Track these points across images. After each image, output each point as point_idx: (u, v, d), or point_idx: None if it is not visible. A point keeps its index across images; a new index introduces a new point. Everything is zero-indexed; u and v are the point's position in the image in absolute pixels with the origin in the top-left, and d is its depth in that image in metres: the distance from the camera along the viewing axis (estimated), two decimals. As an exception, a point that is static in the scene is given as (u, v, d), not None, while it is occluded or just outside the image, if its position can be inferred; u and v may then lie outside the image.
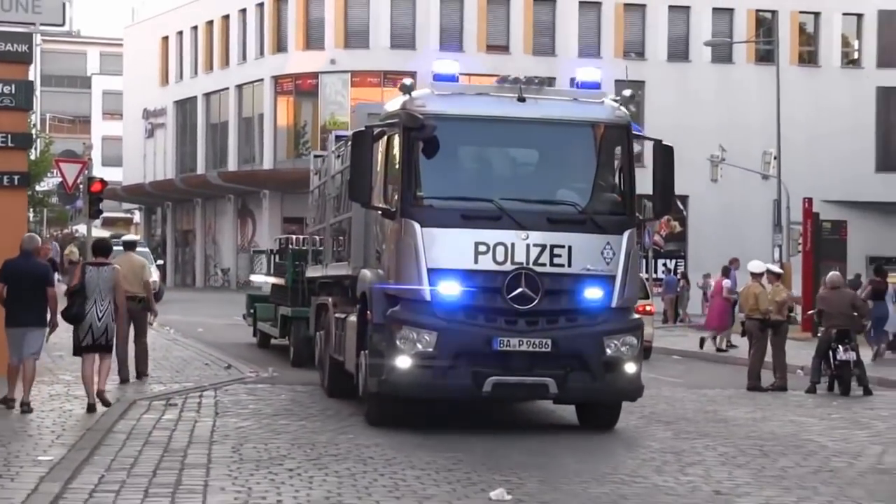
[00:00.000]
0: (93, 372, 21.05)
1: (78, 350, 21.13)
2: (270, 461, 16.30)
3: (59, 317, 21.28)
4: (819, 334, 31.52)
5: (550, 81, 21.19)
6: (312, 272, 29.66)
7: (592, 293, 19.32)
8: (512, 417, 23.18)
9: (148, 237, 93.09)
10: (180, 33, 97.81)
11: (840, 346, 27.99)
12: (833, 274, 32.92)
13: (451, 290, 18.86)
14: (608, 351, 19.11)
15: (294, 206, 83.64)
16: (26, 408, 20.14)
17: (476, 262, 18.92)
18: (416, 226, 18.84)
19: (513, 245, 19.03)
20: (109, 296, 20.90)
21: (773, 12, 79.43)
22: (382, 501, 13.83)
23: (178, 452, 16.76)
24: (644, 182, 20.97)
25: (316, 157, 34.23)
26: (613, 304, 19.46)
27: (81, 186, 42.57)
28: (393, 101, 21.28)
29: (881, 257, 61.10)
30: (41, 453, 16.08)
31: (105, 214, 63.86)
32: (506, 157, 21.74)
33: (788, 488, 15.50)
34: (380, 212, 20.16)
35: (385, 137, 20.46)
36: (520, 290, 18.74)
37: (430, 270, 18.84)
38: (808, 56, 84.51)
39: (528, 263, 18.90)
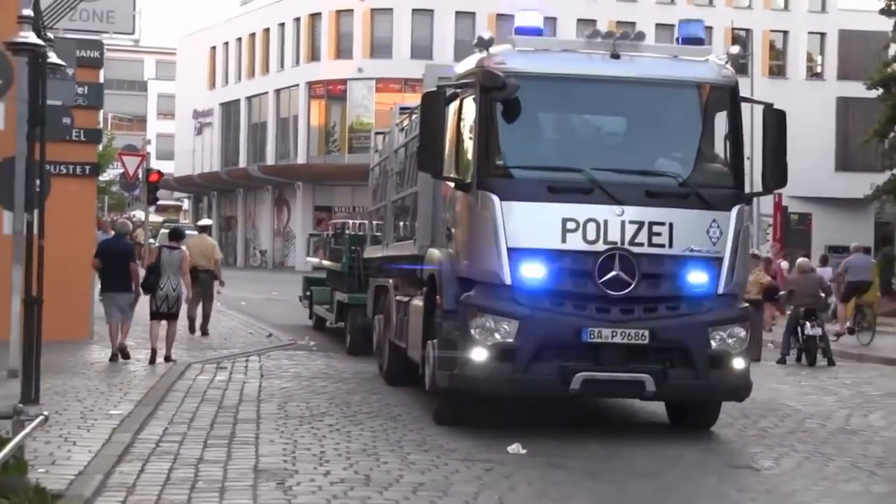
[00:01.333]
0: (158, 332, 22.41)
1: (152, 315, 22.41)
2: (312, 417, 16.32)
3: (139, 288, 22.89)
4: (789, 312, 30.88)
5: (644, 36, 16.45)
6: (371, 253, 24.96)
7: (696, 277, 15.06)
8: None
9: (195, 222, 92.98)
10: (226, 44, 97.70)
11: (808, 323, 27.99)
12: (802, 259, 32.70)
13: (534, 272, 14.63)
14: (713, 343, 14.79)
15: (324, 196, 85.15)
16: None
17: (564, 240, 14.69)
18: (495, 199, 14.72)
19: (606, 222, 14.77)
20: (179, 274, 22.30)
21: (748, 31, 79.23)
22: (413, 454, 13.73)
23: (230, 409, 16.83)
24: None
25: (377, 133, 28.70)
26: (720, 291, 15.14)
27: (140, 176, 43.48)
28: (468, 60, 16.75)
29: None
30: (112, 408, 16.05)
31: (159, 202, 63.82)
32: (597, 122, 16.97)
33: (769, 446, 15.39)
34: (452, 184, 16.00)
35: (458, 100, 16.29)
36: (614, 273, 14.51)
37: (510, 250, 14.62)
38: (778, 69, 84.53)
39: (623, 243, 14.68)
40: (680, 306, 14.94)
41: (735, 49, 15.87)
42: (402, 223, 21.14)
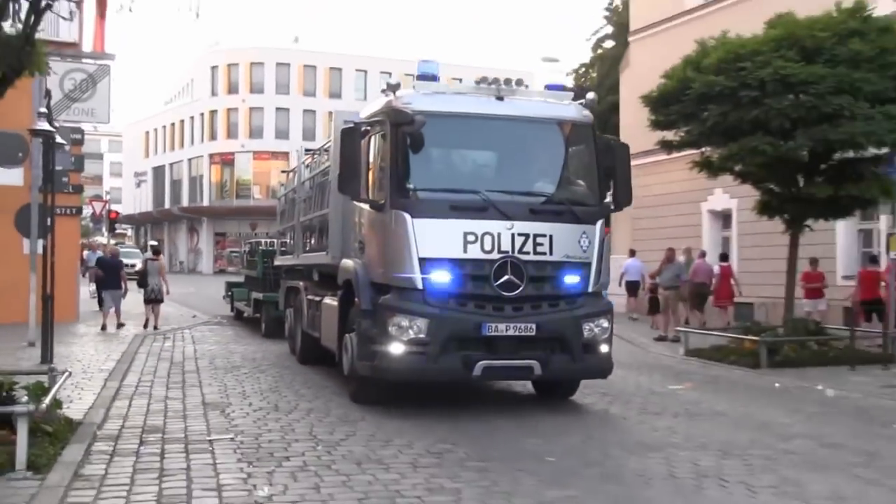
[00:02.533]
0: (150, 313, 23.63)
1: (146, 301, 23.67)
2: (233, 368, 16.07)
3: (127, 286, 24.53)
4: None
5: (522, 83, 14.28)
6: (282, 261, 21.61)
7: (571, 279, 13.08)
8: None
9: (136, 243, 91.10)
10: (156, 129, 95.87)
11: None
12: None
13: (441, 278, 12.45)
14: (586, 333, 12.91)
15: (220, 226, 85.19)
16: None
17: (465, 251, 12.54)
18: (407, 217, 12.46)
19: (499, 234, 12.68)
20: (158, 275, 23.60)
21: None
22: (302, 390, 13.72)
23: (179, 364, 16.49)
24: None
25: (283, 172, 26.28)
26: (590, 289, 13.21)
27: (103, 214, 44.36)
28: (375, 102, 14.33)
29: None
30: (101, 364, 15.67)
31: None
32: (487, 151, 14.48)
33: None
34: (367, 205, 13.54)
35: (369, 136, 13.85)
36: (506, 277, 12.50)
37: (421, 260, 12.41)
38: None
39: (513, 252, 12.64)
40: (559, 303, 12.78)
41: (591, 95, 13.86)
42: (311, 239, 18.23)
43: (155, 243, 46.68)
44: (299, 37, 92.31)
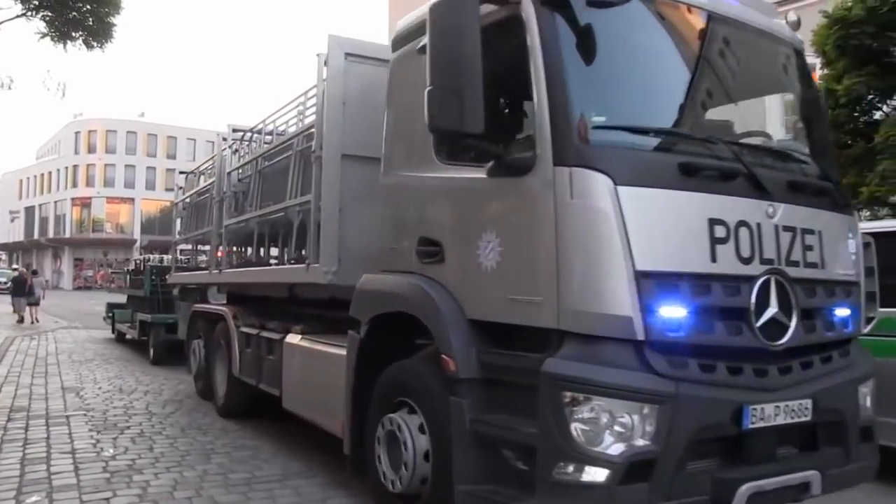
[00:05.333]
0: (30, 313, 24.64)
1: (29, 304, 24.74)
2: (87, 361, 14.81)
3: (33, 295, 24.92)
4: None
5: None
6: (184, 279, 12.18)
7: (842, 312, 4.00)
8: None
9: (9, 265, 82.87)
10: (28, 178, 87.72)
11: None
12: None
13: (675, 314, 3.17)
14: (864, 408, 3.95)
15: (79, 253, 78.69)
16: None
17: (714, 258, 3.34)
18: (604, 182, 3.12)
19: (758, 227, 3.51)
20: (38, 289, 24.99)
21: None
22: (141, 376, 12.70)
23: (42, 358, 15.02)
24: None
25: (181, 173, 14.02)
26: (859, 329, 4.20)
27: None
28: None
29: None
30: (-23, 360, 14.16)
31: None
32: (707, 73, 3.87)
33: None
34: (492, 165, 3.64)
35: (496, 31, 3.60)
36: (773, 311, 3.50)
37: (641, 276, 3.10)
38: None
39: (779, 262, 3.58)
40: (832, 357, 4.06)
41: (793, 16, 4.51)
42: (251, 248, 9.09)
43: (21, 268, 41.98)
44: (145, 112, 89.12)
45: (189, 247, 12.86)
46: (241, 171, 8.93)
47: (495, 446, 3.66)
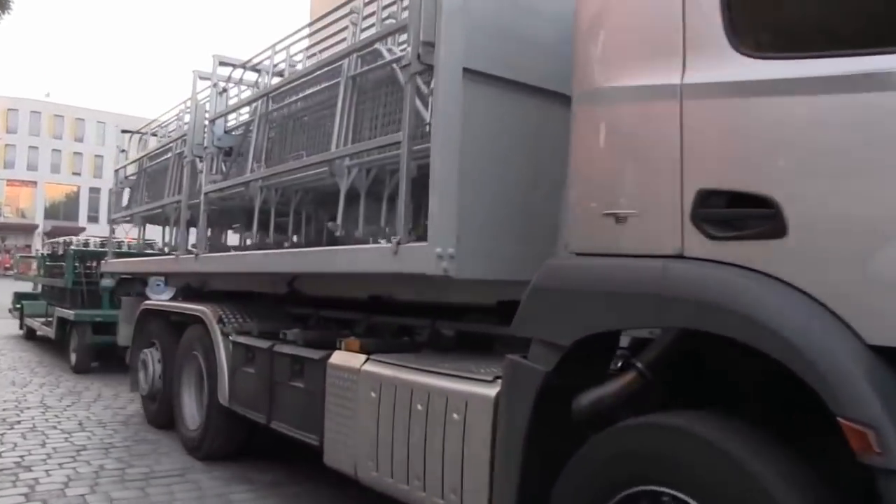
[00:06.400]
0: None
1: None
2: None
3: None
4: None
5: None
6: (133, 267, 9.32)
7: None
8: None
9: None
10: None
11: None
12: None
13: None
14: None
15: (13, 241, 73.33)
16: None
17: None
18: None
19: None
20: None
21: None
22: (62, 377, 12.09)
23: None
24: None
25: (124, 132, 9.93)
26: None
27: None
28: None
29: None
30: None
31: None
32: None
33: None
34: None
35: None
36: None
37: None
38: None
39: None
40: None
41: None
42: (237, 223, 7.30)
43: None
44: (51, 92, 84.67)
45: (133, 225, 9.90)
46: (238, 115, 6.50)
47: None
